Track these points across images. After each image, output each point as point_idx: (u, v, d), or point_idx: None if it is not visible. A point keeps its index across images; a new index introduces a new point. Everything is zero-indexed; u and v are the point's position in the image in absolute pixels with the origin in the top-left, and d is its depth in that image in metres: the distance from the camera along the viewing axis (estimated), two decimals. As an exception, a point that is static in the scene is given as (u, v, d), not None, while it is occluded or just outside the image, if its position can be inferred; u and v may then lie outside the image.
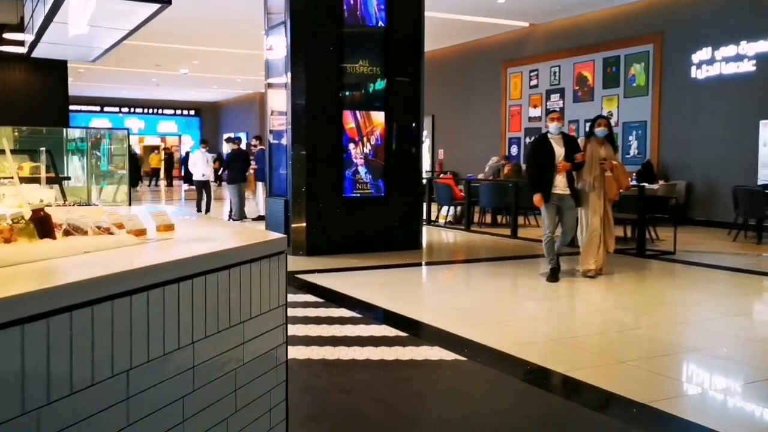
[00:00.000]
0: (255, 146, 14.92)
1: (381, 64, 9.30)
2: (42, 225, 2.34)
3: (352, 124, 9.21)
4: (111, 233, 2.56)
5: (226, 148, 14.73)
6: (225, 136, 22.67)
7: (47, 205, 3.30)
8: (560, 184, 7.11)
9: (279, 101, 9.41)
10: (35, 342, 1.61)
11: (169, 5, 8.03)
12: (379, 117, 9.34)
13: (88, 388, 1.76)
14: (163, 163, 31.21)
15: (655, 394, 3.83)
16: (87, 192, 5.07)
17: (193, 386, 2.16)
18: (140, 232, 2.66)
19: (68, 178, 4.26)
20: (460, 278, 8.36)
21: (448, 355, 4.58)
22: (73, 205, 3.69)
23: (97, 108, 33.83)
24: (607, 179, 7.18)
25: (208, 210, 14.56)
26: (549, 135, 7.25)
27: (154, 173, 30.92)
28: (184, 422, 2.12)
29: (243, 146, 15.23)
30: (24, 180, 4.25)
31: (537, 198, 7.11)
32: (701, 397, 3.98)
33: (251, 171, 13.78)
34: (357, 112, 9.22)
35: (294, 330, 5.21)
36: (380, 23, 9.29)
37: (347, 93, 9.19)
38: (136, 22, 8.66)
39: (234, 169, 13.63)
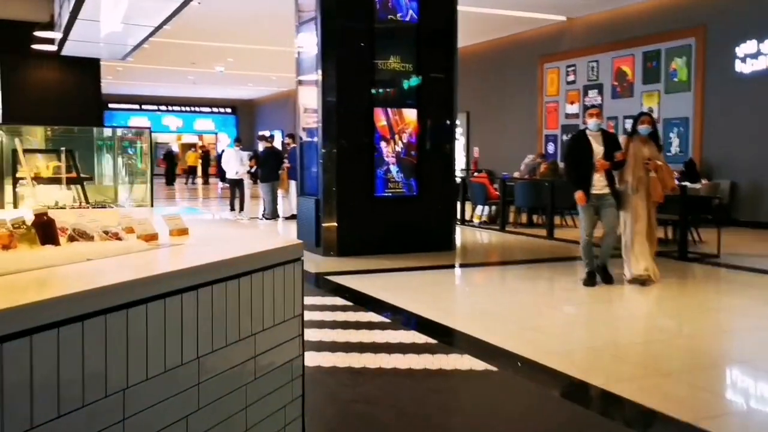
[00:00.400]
0: (288, 144, 14.85)
1: (413, 60, 9.11)
2: (45, 230, 2.22)
3: (384, 122, 9.04)
4: (119, 239, 2.44)
5: (260, 147, 14.68)
6: (259, 133, 22.71)
7: (61, 208, 3.21)
8: (598, 184, 6.83)
9: (310, 99, 9.29)
10: (16, 359, 1.48)
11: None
12: (411, 114, 9.15)
13: (78, 410, 1.63)
14: (199, 161, 31.45)
15: (699, 412, 3.58)
16: (113, 191, 5.00)
17: (198, 405, 2.02)
18: (151, 237, 2.54)
19: (90, 178, 4.18)
20: (493, 281, 8.13)
21: (478, 365, 4.38)
22: (92, 206, 3.60)
23: (136, 106, 34.30)
24: (651, 180, 6.84)
25: (242, 209, 14.54)
26: (587, 132, 6.98)
27: (191, 171, 31.17)
28: (189, 443, 1.98)
29: (277, 144, 15.18)
30: (46, 181, 4.18)
31: (579, 195, 6.82)
32: (748, 415, 3.72)
33: (284, 169, 13.70)
34: (389, 110, 9.05)
35: (321, 335, 5.06)
36: (412, 18, 9.10)
37: (379, 90, 9.02)
38: (164, 17, 8.60)
39: (266, 167, 13.57)
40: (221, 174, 17.08)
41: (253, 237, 2.99)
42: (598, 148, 6.84)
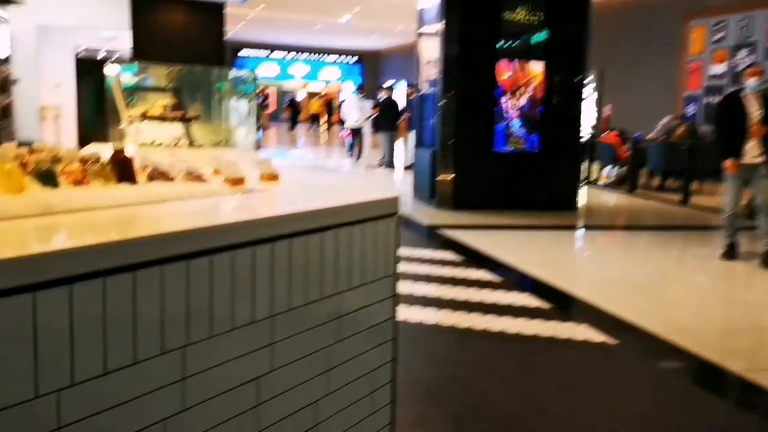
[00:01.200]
0: (410, 95, 14.56)
1: (542, 12, 8.51)
2: (122, 167, 2.06)
3: (508, 75, 8.52)
4: (202, 181, 2.25)
5: (381, 96, 14.50)
6: (385, 84, 22.54)
7: (163, 145, 3.11)
8: (751, 152, 5.99)
9: (432, 50, 8.93)
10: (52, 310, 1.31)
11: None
12: (537, 68, 8.59)
13: (134, 365, 1.46)
14: (323, 108, 31.83)
15: None
16: (220, 133, 4.94)
17: (271, 366, 1.81)
18: (237, 181, 2.34)
19: (196, 118, 4.10)
20: (618, 246, 7.54)
21: (596, 336, 3.99)
22: (193, 147, 3.48)
23: (266, 53, 35.01)
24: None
25: (360, 156, 14.49)
26: (744, 93, 6.15)
27: (314, 118, 31.62)
28: (259, 407, 1.78)
29: (397, 95, 14.93)
30: (155, 119, 4.14)
31: (728, 164, 6.04)
32: None
33: (404, 119, 13.46)
34: (513, 63, 8.52)
35: (427, 290, 4.83)
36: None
37: (503, 42, 8.50)
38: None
39: (386, 117, 13.38)
40: (342, 121, 17.11)
41: (347, 187, 2.74)
42: (754, 112, 6.02)
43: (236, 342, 1.70)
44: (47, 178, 1.88)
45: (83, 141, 4.11)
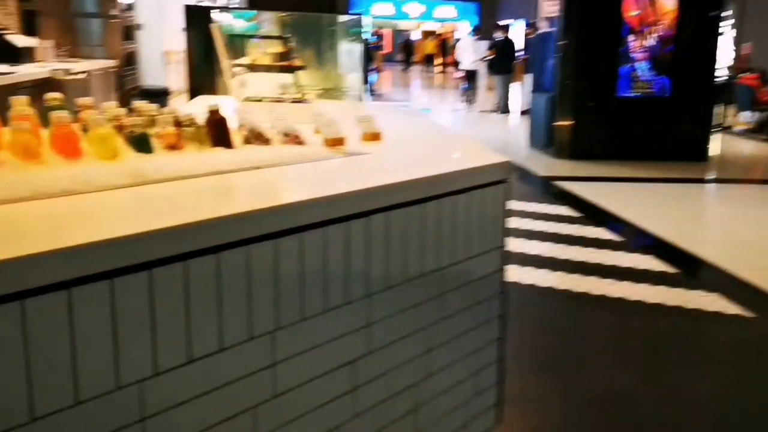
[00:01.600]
0: (528, 35, 13.88)
1: (678, -63, 7.71)
2: (217, 130, 1.97)
3: (635, 12, 7.85)
4: (299, 142, 2.13)
5: (497, 37, 13.88)
6: (502, 23, 21.64)
7: (257, 100, 3.02)
8: None
9: (553, -17, 8.36)
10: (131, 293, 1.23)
11: None
12: (669, 3, 7.84)
13: (219, 352, 1.37)
14: (437, 49, 31.17)
15: None
16: (331, 82, 4.82)
17: (368, 348, 1.70)
18: (336, 142, 2.21)
19: (302, 67, 3.98)
20: (756, 204, 6.87)
21: (728, 307, 3.63)
22: (297, 98, 3.38)
23: (380, -7, 34.53)
24: None
25: (473, 101, 14.07)
26: None
27: (428, 59, 31.06)
28: (355, 391, 1.68)
29: (514, 35, 14.27)
30: (262, 68, 4.06)
31: None
32: None
33: (520, 61, 12.87)
34: (643, -3, 7.84)
35: (541, 249, 4.58)
36: None
37: (633, -28, 7.80)
38: None
39: (501, 58, 12.83)
40: (457, 63, 16.64)
41: (449, 148, 2.54)
42: None
43: (335, 322, 1.59)
44: (141, 143, 1.82)
45: (193, 92, 4.10)
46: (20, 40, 6.11)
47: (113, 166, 1.67)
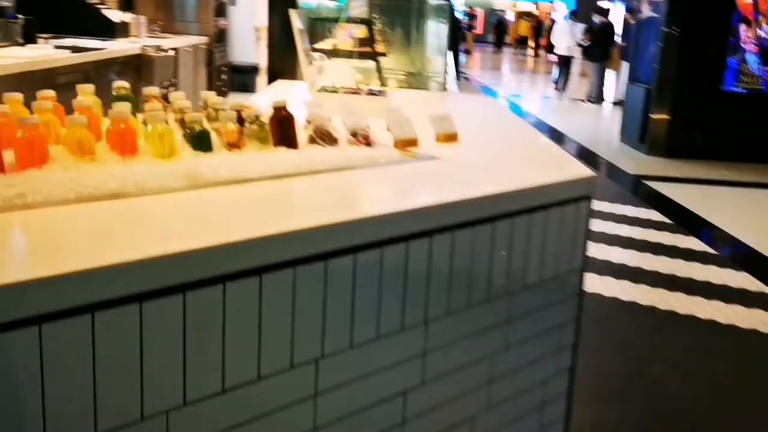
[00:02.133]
0: (627, 20, 13.23)
1: None
2: (281, 128, 1.86)
3: (750, -1, 7.30)
4: (368, 143, 2.00)
5: (596, 20, 13.28)
6: (597, 4, 20.77)
7: (332, 91, 2.90)
8: None
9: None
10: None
11: None
12: (792, -11, 7.25)
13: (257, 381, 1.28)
14: (531, 31, 30.32)
15: None
16: (415, 68, 4.67)
17: (421, 378, 1.57)
18: (407, 143, 2.07)
19: (383, 54, 3.84)
20: None
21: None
22: (375, 89, 3.24)
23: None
24: None
25: (565, 87, 13.58)
26: None
27: (522, 41, 30.28)
28: (405, 424, 1.56)
29: (613, 19, 13.65)
30: (342, 54, 3.95)
31: None
32: None
33: (617, 48, 12.27)
34: (759, -17, 7.27)
35: (625, 257, 4.31)
36: None
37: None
38: None
39: (598, 44, 12.27)
40: (550, 47, 16.09)
41: (534, 153, 2.35)
42: None
43: (383, 354, 1.47)
44: (201, 140, 1.73)
45: (272, 76, 4.05)
46: (115, 15, 6.23)
47: (168, 165, 1.59)
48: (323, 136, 1.96)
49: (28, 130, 1.46)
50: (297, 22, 2.88)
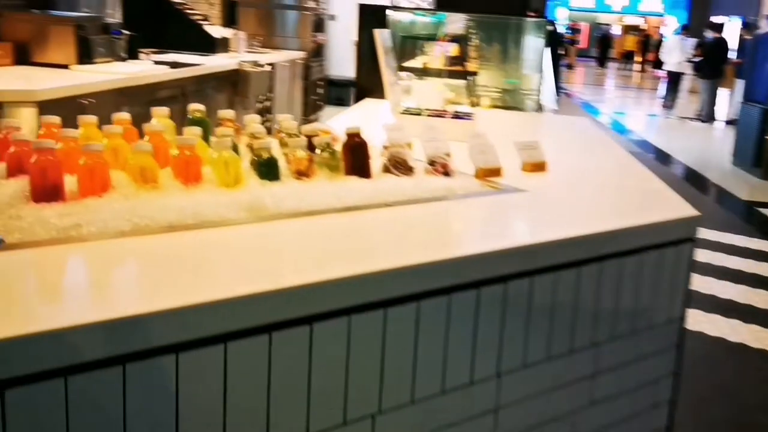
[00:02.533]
0: (744, 36, 12.46)
1: None
2: (354, 157, 1.77)
3: None
4: (447, 172, 1.88)
5: (709, 36, 12.58)
6: (710, 20, 19.75)
7: (415, 113, 2.78)
8: None
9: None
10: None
11: None
12: None
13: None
14: (638, 45, 29.21)
15: None
16: (510, 85, 4.50)
17: (493, 437, 1.42)
18: (490, 173, 1.94)
19: (474, 73, 3.70)
20: None
21: None
22: (461, 112, 3.11)
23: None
24: None
25: (673, 106, 12.92)
26: None
27: (628, 56, 29.22)
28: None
29: (728, 35, 12.89)
30: (433, 73, 3.85)
31: None
32: None
33: (731, 65, 11.56)
34: None
35: (735, 293, 3.96)
36: None
37: None
38: None
39: (710, 60, 11.59)
40: (658, 62, 15.38)
41: (631, 187, 2.15)
42: None
43: (426, 412, 1.34)
44: (268, 168, 1.66)
45: (360, 94, 3.97)
46: (217, 31, 6.39)
47: (231, 195, 1.52)
48: (398, 165, 1.85)
49: (91, 157, 1.43)
50: (382, 42, 2.80)
